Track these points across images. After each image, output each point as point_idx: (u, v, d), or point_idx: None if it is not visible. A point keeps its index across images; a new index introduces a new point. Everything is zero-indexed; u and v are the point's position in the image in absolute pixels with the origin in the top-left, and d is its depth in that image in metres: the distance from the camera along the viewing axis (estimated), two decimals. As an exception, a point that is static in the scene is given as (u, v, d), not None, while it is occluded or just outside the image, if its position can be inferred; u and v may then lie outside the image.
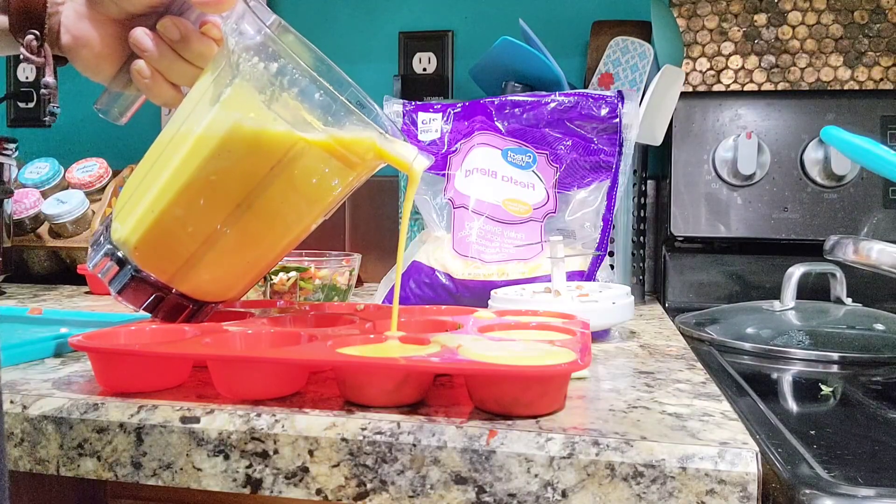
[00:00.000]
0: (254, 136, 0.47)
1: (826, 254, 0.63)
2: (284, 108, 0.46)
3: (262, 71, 0.46)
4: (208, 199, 0.48)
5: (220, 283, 0.53)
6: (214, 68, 0.49)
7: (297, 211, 0.51)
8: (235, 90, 0.47)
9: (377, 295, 0.82)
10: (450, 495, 0.38)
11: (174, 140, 0.49)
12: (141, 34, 0.51)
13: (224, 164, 0.47)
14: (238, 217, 0.49)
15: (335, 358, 0.42)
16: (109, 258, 0.50)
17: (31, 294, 0.95)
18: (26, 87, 1.35)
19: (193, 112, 0.49)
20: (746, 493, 0.35)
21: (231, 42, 0.47)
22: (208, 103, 0.48)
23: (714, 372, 0.56)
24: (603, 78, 0.96)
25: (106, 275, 0.51)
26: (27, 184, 1.08)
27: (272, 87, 0.46)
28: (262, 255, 0.53)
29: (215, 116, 0.47)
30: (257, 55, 0.47)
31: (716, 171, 0.95)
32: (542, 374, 0.40)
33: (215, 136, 0.47)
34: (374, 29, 1.23)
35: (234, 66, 0.47)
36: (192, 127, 0.48)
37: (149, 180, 0.50)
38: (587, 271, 0.77)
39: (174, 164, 0.48)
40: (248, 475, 0.40)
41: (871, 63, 1.08)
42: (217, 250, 0.50)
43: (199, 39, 0.51)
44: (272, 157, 0.47)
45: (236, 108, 0.47)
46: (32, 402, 0.44)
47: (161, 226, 0.49)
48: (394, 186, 1.09)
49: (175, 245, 0.50)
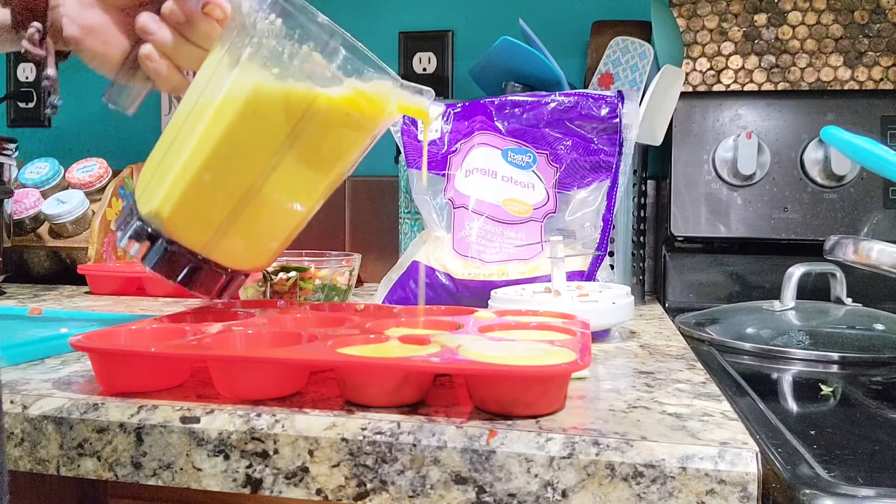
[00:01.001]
0: (277, 93, 0.48)
1: (826, 254, 0.63)
2: (305, 61, 0.48)
3: (280, 26, 0.48)
4: (236, 163, 0.49)
5: (252, 250, 0.54)
6: (223, 43, 0.51)
7: (322, 169, 0.52)
8: (255, 49, 0.48)
9: (377, 295, 0.82)
10: (450, 495, 0.38)
11: (194, 112, 0.50)
12: (147, 18, 0.52)
13: (249, 125, 0.48)
14: (265, 179, 0.50)
15: (335, 358, 0.42)
16: (140, 234, 0.51)
17: (31, 294, 0.95)
18: (26, 87, 1.35)
19: (210, 83, 0.50)
20: (746, 493, 0.35)
21: (245, 4, 0.48)
22: (226, 69, 0.49)
23: (714, 372, 0.56)
24: (603, 78, 0.96)
25: (138, 252, 0.52)
26: (27, 184, 1.08)
27: (291, 41, 0.48)
28: (290, 217, 0.54)
29: (236, 79, 0.48)
30: (273, 11, 0.48)
31: (716, 171, 0.95)
32: (542, 374, 0.40)
33: (238, 99, 0.48)
34: (374, 29, 1.23)
35: (251, 26, 0.48)
36: (212, 95, 0.49)
37: (174, 153, 0.50)
38: (587, 271, 0.77)
39: (199, 132, 0.49)
40: (248, 475, 0.40)
41: (871, 63, 1.08)
42: (247, 214, 0.51)
43: (203, 20, 0.52)
44: (296, 113, 0.48)
45: (257, 66, 0.48)
46: (32, 402, 0.44)
47: (192, 194, 0.50)
48: (394, 187, 1.09)
49: (207, 212, 0.51)
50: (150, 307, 0.85)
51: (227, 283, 0.53)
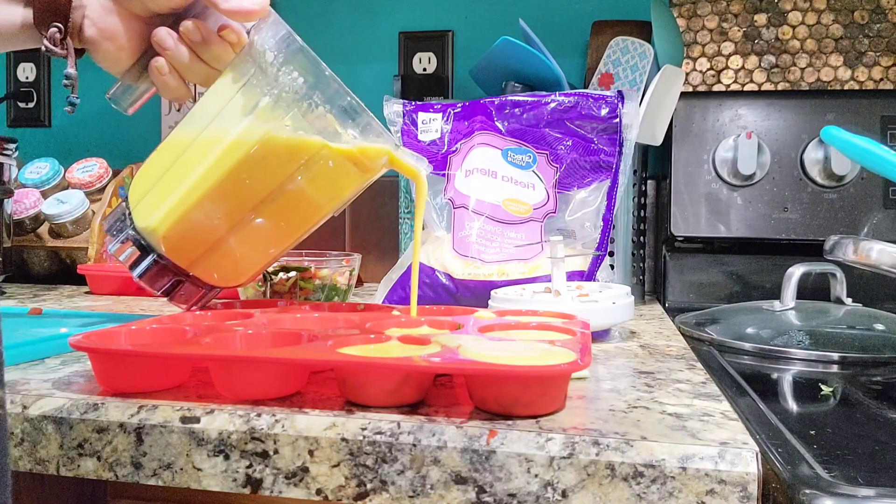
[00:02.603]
0: (286, 142, 0.52)
1: (826, 254, 0.63)
2: (318, 119, 0.52)
3: (301, 85, 0.52)
4: (236, 196, 0.53)
5: (235, 270, 0.58)
6: (241, 73, 0.54)
7: (314, 207, 0.57)
8: (273, 100, 0.52)
9: (377, 295, 0.82)
10: (450, 495, 0.38)
11: (201, 142, 0.53)
12: (164, 34, 0.54)
13: (255, 166, 0.52)
14: (261, 211, 0.54)
15: (335, 358, 0.42)
16: (132, 244, 0.55)
17: (31, 294, 0.95)
18: (26, 87, 1.35)
19: (221, 117, 0.53)
20: (746, 493, 0.35)
21: (269, 55, 0.52)
22: (240, 110, 0.52)
23: (714, 372, 0.56)
24: (603, 78, 0.96)
25: (127, 259, 0.56)
26: (27, 184, 1.08)
27: (308, 100, 0.52)
28: (277, 244, 0.58)
29: (250, 125, 0.52)
30: (296, 70, 0.52)
31: (716, 171, 0.95)
32: (542, 375, 0.40)
33: (249, 143, 0.52)
34: (374, 29, 1.23)
35: (273, 77, 0.52)
36: (223, 131, 0.52)
37: (176, 176, 0.54)
38: (587, 271, 0.77)
39: (206, 165, 0.52)
40: (249, 475, 0.40)
41: (871, 63, 1.08)
42: (237, 240, 0.55)
43: (219, 43, 0.54)
44: (299, 159, 0.52)
45: (273, 117, 0.52)
46: (32, 402, 0.44)
47: (190, 218, 0.53)
48: (394, 187, 1.09)
49: (200, 235, 0.55)
50: (150, 307, 0.85)
51: (203, 296, 0.58)
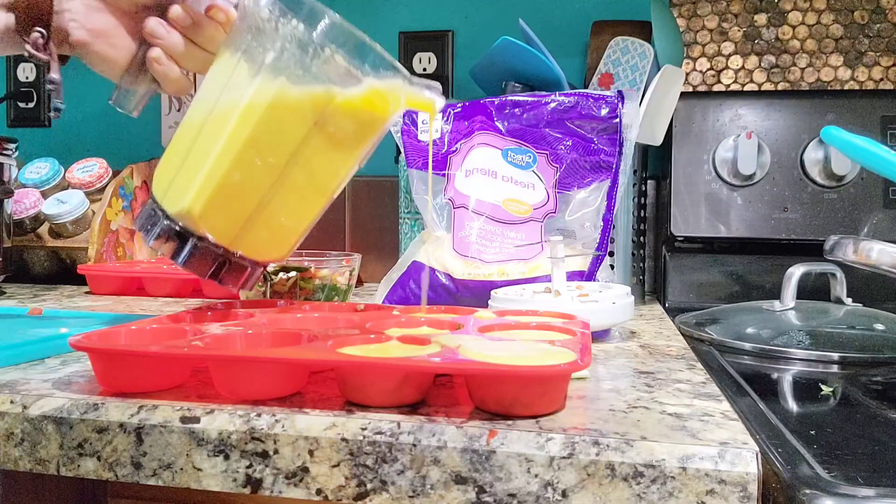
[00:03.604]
0: (300, 95, 0.51)
1: (826, 254, 0.63)
2: (327, 63, 0.51)
3: (303, 31, 0.50)
4: (261, 161, 0.52)
5: (274, 241, 0.58)
6: (238, 44, 0.53)
7: (339, 160, 0.56)
8: (278, 54, 0.50)
9: (377, 295, 0.82)
10: (450, 495, 0.38)
11: (215, 115, 0.53)
12: (155, 24, 0.54)
13: (274, 126, 0.51)
14: (288, 173, 0.53)
15: (335, 358, 0.42)
16: (170, 234, 0.54)
17: (31, 294, 0.95)
18: (26, 87, 1.35)
19: (228, 87, 0.52)
20: (746, 493, 0.35)
21: (264, 11, 0.51)
22: (246, 74, 0.51)
23: (714, 372, 0.56)
24: (603, 78, 0.96)
25: (168, 251, 0.55)
26: (27, 184, 1.08)
27: (314, 45, 0.50)
28: (310, 206, 0.57)
29: (260, 83, 0.51)
30: (295, 17, 0.50)
31: (716, 171, 0.95)
32: (542, 375, 0.40)
33: (263, 103, 0.51)
34: (374, 29, 1.23)
35: (273, 31, 0.50)
36: (235, 99, 0.52)
37: (198, 155, 0.53)
38: (587, 271, 0.77)
39: (225, 135, 0.52)
40: (248, 475, 0.40)
41: (871, 63, 1.08)
42: (272, 207, 0.54)
43: (209, 23, 0.55)
44: (316, 112, 0.51)
45: (280, 70, 0.50)
46: (32, 402, 0.44)
47: (221, 192, 0.53)
48: (394, 186, 1.09)
49: (235, 207, 0.54)
50: (150, 307, 0.85)
51: (250, 276, 0.57)
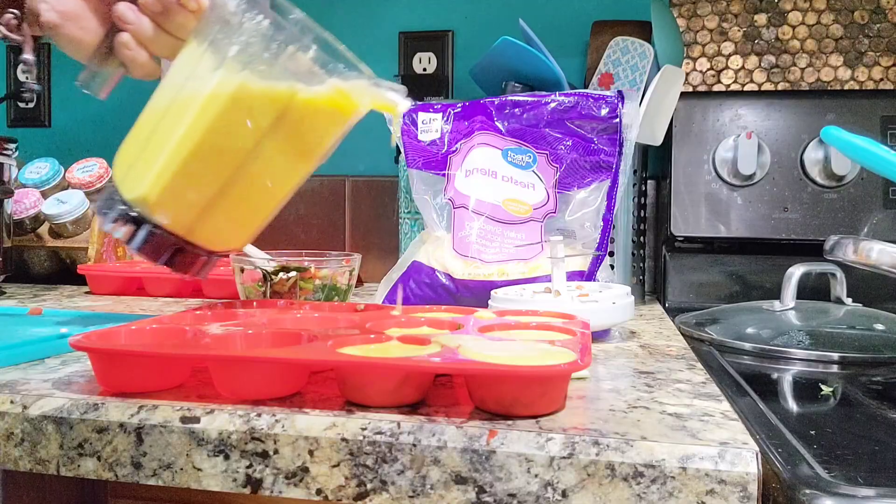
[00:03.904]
0: (261, 90, 0.51)
1: (826, 254, 0.63)
2: (290, 61, 0.51)
3: (267, 27, 0.50)
4: (219, 153, 0.52)
5: (230, 232, 0.58)
6: (205, 35, 0.53)
7: (298, 158, 0.56)
8: (242, 48, 0.51)
9: (377, 295, 0.82)
10: (450, 495, 0.38)
11: (177, 104, 0.52)
12: (124, 8, 0.54)
13: (234, 120, 0.51)
14: (246, 167, 0.53)
15: (335, 358, 0.42)
16: (125, 219, 0.54)
17: (31, 294, 0.95)
18: (26, 88, 1.35)
19: (193, 77, 0.52)
20: (746, 493, 0.35)
21: (231, 5, 0.51)
22: (210, 65, 0.51)
23: (714, 372, 0.56)
24: (603, 78, 0.96)
25: (124, 235, 0.55)
26: (27, 184, 1.08)
27: (277, 42, 0.50)
28: (267, 201, 0.58)
29: (222, 76, 0.51)
30: (261, 13, 0.50)
31: (716, 171, 0.95)
32: (542, 375, 0.40)
33: (224, 95, 0.51)
34: (374, 29, 1.23)
35: (238, 25, 0.51)
36: (197, 89, 0.51)
37: (158, 142, 0.53)
38: (587, 271, 0.77)
39: (185, 124, 0.51)
40: (249, 475, 0.40)
41: (871, 63, 1.08)
42: (228, 199, 0.54)
43: (180, 11, 0.54)
44: (278, 108, 0.51)
45: (243, 64, 0.51)
46: (32, 402, 0.44)
47: (178, 181, 0.53)
48: (394, 187, 1.09)
49: (191, 197, 0.54)
50: (150, 307, 0.85)
51: (204, 264, 0.57)
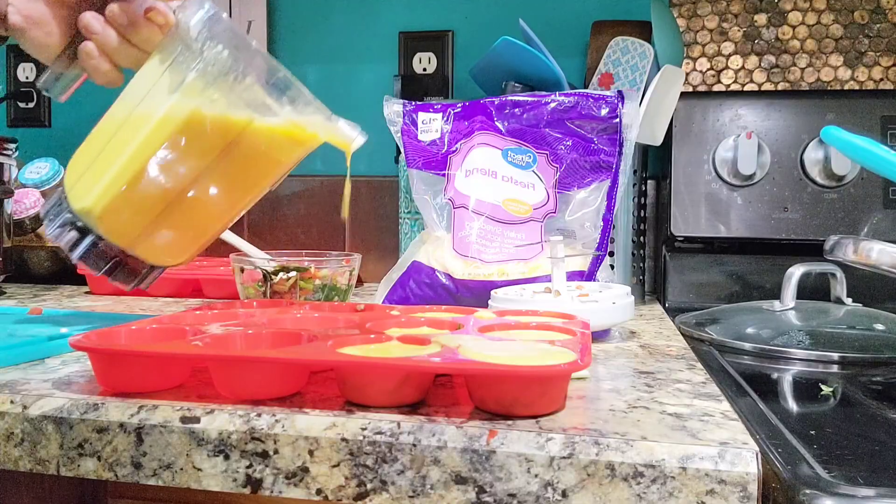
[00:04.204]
0: (215, 118, 0.51)
1: (826, 254, 0.63)
2: (247, 92, 0.51)
3: (226, 58, 0.51)
4: (168, 175, 0.53)
5: (173, 249, 0.58)
6: (168, 54, 0.53)
7: (250, 181, 0.57)
8: (199, 74, 0.51)
9: (377, 295, 0.82)
10: (450, 495, 0.38)
11: (131, 120, 0.53)
12: (90, 18, 0.54)
13: (186, 143, 0.52)
14: (195, 187, 0.54)
15: (335, 358, 0.42)
16: (70, 227, 0.55)
17: (31, 294, 0.95)
18: (26, 88, 1.35)
19: (150, 96, 0.53)
20: (746, 493, 0.35)
21: (193, 30, 0.51)
22: (168, 87, 0.52)
23: (714, 372, 0.56)
24: (603, 78, 0.96)
25: (67, 243, 0.56)
26: (27, 184, 1.08)
27: (235, 73, 0.51)
28: (212, 224, 0.58)
29: (178, 100, 0.51)
30: (221, 43, 0.51)
31: (716, 171, 0.95)
32: (542, 375, 0.40)
33: (178, 119, 0.51)
34: (374, 29, 1.23)
35: (198, 52, 0.51)
36: (152, 109, 0.52)
37: (109, 156, 0.54)
38: (587, 271, 0.77)
39: (136, 143, 0.52)
40: (249, 475, 0.40)
41: (871, 63, 1.08)
42: (173, 219, 0.55)
43: (146, 25, 0.54)
44: (230, 136, 0.52)
45: (199, 90, 0.51)
46: (32, 402, 0.44)
47: (124, 197, 0.53)
48: (394, 187, 1.09)
49: (136, 214, 0.54)
50: (150, 307, 0.85)
51: (145, 276, 0.58)
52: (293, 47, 1.25)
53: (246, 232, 1.24)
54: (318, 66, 1.24)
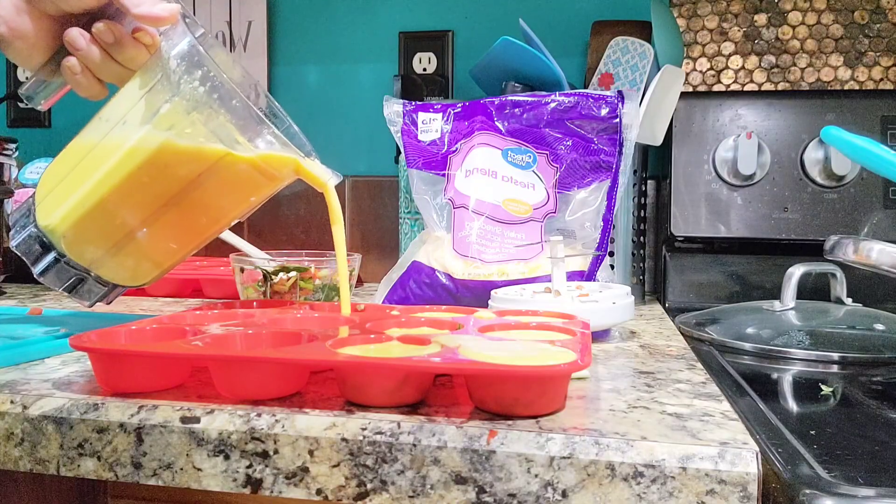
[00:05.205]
0: (184, 151, 0.51)
1: (826, 254, 0.63)
2: (220, 129, 0.51)
3: (201, 93, 0.51)
4: (135, 201, 0.53)
5: (138, 272, 0.58)
6: (149, 78, 0.53)
7: (217, 213, 0.57)
8: (173, 107, 0.51)
9: (377, 295, 0.82)
10: (450, 495, 0.38)
11: (106, 143, 0.53)
12: (76, 34, 0.53)
13: (154, 173, 0.52)
14: (162, 214, 0.54)
15: (335, 358, 0.42)
16: (34, 241, 0.55)
17: (31, 294, 0.95)
18: (26, 87, 1.35)
19: (125, 121, 0.53)
20: (746, 493, 0.35)
21: (173, 62, 0.51)
22: (142, 117, 0.52)
23: (714, 372, 0.56)
24: (603, 78, 0.96)
25: (29, 256, 0.55)
26: (27, 184, 1.08)
27: (209, 108, 0.51)
28: (178, 248, 0.58)
29: (149, 131, 0.51)
30: (197, 78, 0.51)
31: (716, 171, 0.95)
32: (542, 375, 0.40)
33: (147, 149, 0.51)
34: (373, 29, 1.23)
35: (175, 84, 0.51)
36: (124, 136, 0.52)
37: (79, 176, 0.54)
38: (587, 271, 0.77)
39: (107, 167, 0.52)
40: (249, 475, 0.40)
41: (871, 63, 1.08)
42: (137, 243, 0.55)
43: (132, 44, 0.54)
44: (198, 168, 0.52)
45: (172, 124, 0.51)
46: (32, 402, 0.44)
47: (89, 219, 0.53)
48: (393, 186, 1.09)
49: (100, 237, 0.54)
50: (150, 307, 0.85)
51: (106, 294, 0.58)
52: (293, 47, 1.25)
53: (246, 232, 1.24)
54: (317, 66, 1.24)
